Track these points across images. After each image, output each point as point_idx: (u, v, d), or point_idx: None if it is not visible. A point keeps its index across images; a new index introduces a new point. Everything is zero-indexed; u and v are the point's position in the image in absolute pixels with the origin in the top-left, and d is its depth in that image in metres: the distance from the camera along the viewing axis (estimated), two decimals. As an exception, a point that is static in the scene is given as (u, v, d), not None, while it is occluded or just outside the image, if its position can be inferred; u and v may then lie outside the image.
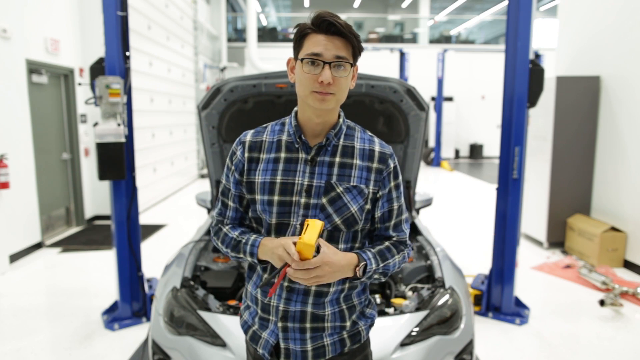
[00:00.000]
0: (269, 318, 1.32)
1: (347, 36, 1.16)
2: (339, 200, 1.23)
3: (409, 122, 2.86)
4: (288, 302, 1.28)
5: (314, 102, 1.19)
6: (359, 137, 1.31)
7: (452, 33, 18.40)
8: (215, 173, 3.21)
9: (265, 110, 2.87)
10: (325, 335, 1.31)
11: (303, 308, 1.29)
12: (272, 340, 1.31)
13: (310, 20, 1.18)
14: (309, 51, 1.16)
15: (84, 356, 3.09)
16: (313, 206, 1.24)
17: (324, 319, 1.30)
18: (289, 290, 1.28)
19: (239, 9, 17.82)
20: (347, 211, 1.24)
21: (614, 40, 4.99)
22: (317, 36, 1.16)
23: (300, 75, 1.19)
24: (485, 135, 16.12)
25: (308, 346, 1.30)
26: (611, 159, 5.04)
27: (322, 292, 1.29)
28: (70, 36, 6.05)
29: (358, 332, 1.36)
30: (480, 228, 6.52)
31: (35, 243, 5.31)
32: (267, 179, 1.26)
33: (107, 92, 3.19)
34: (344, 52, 1.17)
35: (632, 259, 4.73)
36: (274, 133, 1.31)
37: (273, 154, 1.28)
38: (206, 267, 2.85)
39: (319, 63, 1.15)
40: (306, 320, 1.29)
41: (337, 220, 1.24)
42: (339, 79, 1.17)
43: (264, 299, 1.32)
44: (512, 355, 3.15)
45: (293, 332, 1.30)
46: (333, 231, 1.25)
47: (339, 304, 1.32)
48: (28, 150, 5.16)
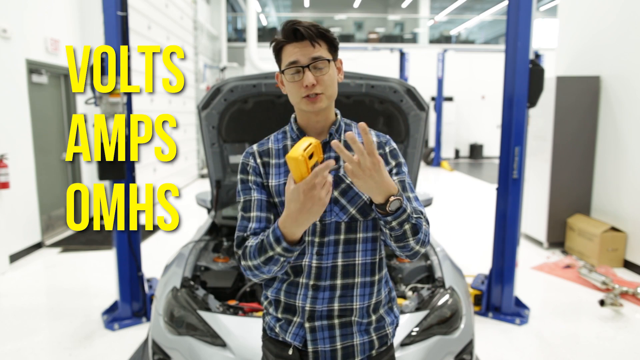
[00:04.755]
0: (292, 319, 1.31)
1: (313, 36, 1.21)
2: (350, 190, 1.26)
3: (409, 122, 2.86)
4: (314, 301, 1.28)
5: (306, 107, 1.24)
6: (357, 133, 1.34)
7: (452, 33, 18.41)
8: (215, 173, 3.21)
9: (265, 110, 2.87)
10: (354, 333, 1.31)
11: (330, 305, 1.29)
12: (297, 343, 1.30)
13: (279, 34, 1.25)
14: (287, 61, 1.23)
15: (84, 356, 3.09)
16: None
17: (352, 313, 1.30)
18: (315, 289, 1.28)
19: (239, 9, 17.82)
20: (359, 200, 1.26)
21: (614, 40, 4.99)
22: (290, 46, 1.23)
23: (288, 86, 1.26)
24: (485, 135, 16.11)
25: (337, 344, 1.30)
26: (611, 159, 5.04)
27: (348, 285, 1.29)
28: (70, 36, 6.05)
29: (385, 334, 1.36)
30: (480, 228, 6.52)
31: (35, 243, 5.31)
32: (280, 181, 1.29)
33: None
34: (318, 51, 1.22)
35: (632, 259, 4.73)
36: (278, 141, 1.35)
37: (282, 159, 1.32)
38: (206, 267, 2.85)
39: (298, 69, 1.22)
40: (334, 317, 1.30)
41: (352, 210, 1.26)
42: (321, 77, 1.22)
43: (287, 299, 1.31)
44: (512, 355, 3.15)
45: (322, 330, 1.29)
46: (350, 222, 1.27)
47: (370, 297, 1.32)
48: (28, 150, 5.16)
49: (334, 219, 1.27)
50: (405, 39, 17.08)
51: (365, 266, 1.30)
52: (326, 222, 1.27)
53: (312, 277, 1.28)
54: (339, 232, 1.27)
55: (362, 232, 1.29)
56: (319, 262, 1.27)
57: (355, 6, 19.09)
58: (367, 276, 1.31)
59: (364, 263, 1.30)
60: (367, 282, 1.31)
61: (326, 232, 1.27)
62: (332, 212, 1.27)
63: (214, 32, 13.61)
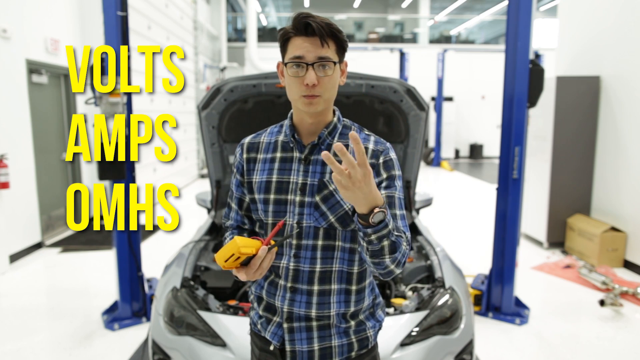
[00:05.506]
0: (272, 319, 1.32)
1: (324, 35, 1.15)
2: (331, 198, 1.23)
3: (409, 122, 2.86)
4: (292, 303, 1.28)
5: (303, 107, 1.21)
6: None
7: (452, 33, 18.41)
8: (215, 173, 3.21)
9: (265, 110, 2.87)
10: (332, 335, 1.30)
11: (308, 310, 1.27)
12: (276, 342, 1.31)
13: (290, 23, 1.18)
14: (292, 55, 1.17)
15: (84, 356, 3.09)
16: (307, 204, 1.24)
17: (329, 318, 1.29)
18: (293, 291, 1.27)
19: (239, 9, 17.81)
20: (340, 209, 1.23)
21: (614, 40, 4.99)
22: (298, 39, 1.16)
23: (288, 80, 1.21)
24: (485, 135, 16.11)
25: (315, 346, 1.29)
26: (611, 159, 5.04)
27: (325, 291, 1.27)
28: (70, 36, 6.05)
29: (366, 337, 1.34)
30: (480, 228, 6.52)
31: (35, 243, 5.31)
32: (263, 178, 1.28)
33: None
34: (326, 51, 1.16)
35: (632, 259, 4.73)
36: (272, 135, 1.34)
37: (270, 154, 1.30)
38: (206, 267, 2.85)
39: (302, 65, 1.16)
40: (312, 319, 1.29)
41: (332, 218, 1.24)
42: (323, 78, 1.17)
43: (268, 298, 1.32)
44: (512, 355, 3.15)
45: (300, 332, 1.29)
46: (329, 229, 1.25)
47: (347, 305, 1.29)
48: (28, 150, 5.16)
49: (313, 224, 1.24)
50: (405, 39, 17.07)
51: (342, 274, 1.28)
52: (303, 226, 1.25)
53: (289, 279, 1.27)
54: (317, 238, 1.25)
55: (340, 241, 1.26)
56: (296, 265, 1.26)
57: (355, 6, 19.09)
58: (343, 284, 1.28)
59: (340, 271, 1.27)
60: (344, 289, 1.29)
61: (303, 235, 1.25)
62: (311, 216, 1.24)
63: (214, 32, 13.60)
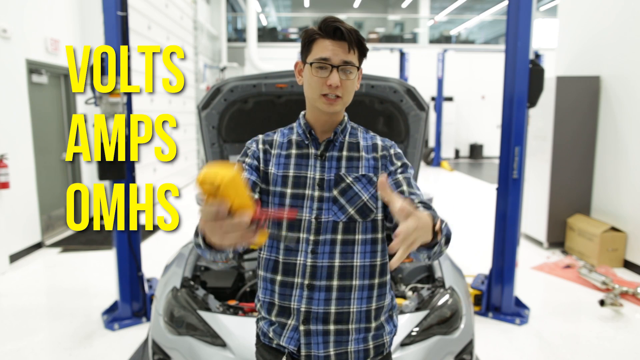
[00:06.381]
0: (286, 322, 1.28)
1: (352, 41, 1.21)
2: (349, 190, 1.26)
3: (409, 122, 2.86)
4: (310, 302, 1.25)
5: (322, 106, 1.25)
6: (362, 137, 1.36)
7: (452, 33, 18.40)
8: (215, 173, 3.20)
9: (265, 110, 2.86)
10: (349, 341, 1.27)
11: (327, 307, 1.25)
12: (292, 347, 1.27)
13: (317, 25, 1.23)
14: (318, 56, 1.21)
15: (84, 356, 3.09)
16: (326, 199, 1.26)
17: (348, 319, 1.26)
18: (310, 289, 1.25)
19: (239, 9, 17.81)
20: (358, 200, 1.25)
21: (614, 40, 4.99)
22: (325, 41, 1.21)
23: (309, 79, 1.24)
24: (485, 135, 16.12)
25: (331, 350, 1.26)
26: (611, 159, 5.04)
27: (345, 287, 1.26)
28: (70, 36, 6.05)
29: (382, 343, 1.32)
30: (480, 228, 6.52)
31: (35, 243, 5.31)
32: (280, 172, 1.29)
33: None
34: (350, 56, 1.22)
35: (632, 259, 4.73)
36: (284, 135, 1.36)
37: (285, 150, 1.32)
38: (206, 267, 2.85)
39: (327, 67, 1.20)
40: (329, 322, 1.26)
41: (351, 211, 1.25)
42: (346, 81, 1.23)
43: (281, 301, 1.28)
44: (512, 355, 3.15)
45: (316, 335, 1.26)
46: (348, 222, 1.25)
47: (369, 301, 1.28)
48: (28, 150, 5.16)
49: (332, 218, 1.24)
50: (405, 39, 17.07)
51: (364, 268, 1.27)
52: (322, 220, 1.24)
53: (307, 276, 1.25)
54: (336, 232, 1.25)
55: (361, 234, 1.26)
56: (314, 261, 1.24)
57: (355, 6, 19.08)
58: (366, 279, 1.27)
59: (362, 265, 1.27)
60: (366, 285, 1.28)
61: (321, 230, 1.24)
62: (329, 210, 1.25)
63: (214, 32, 13.60)
